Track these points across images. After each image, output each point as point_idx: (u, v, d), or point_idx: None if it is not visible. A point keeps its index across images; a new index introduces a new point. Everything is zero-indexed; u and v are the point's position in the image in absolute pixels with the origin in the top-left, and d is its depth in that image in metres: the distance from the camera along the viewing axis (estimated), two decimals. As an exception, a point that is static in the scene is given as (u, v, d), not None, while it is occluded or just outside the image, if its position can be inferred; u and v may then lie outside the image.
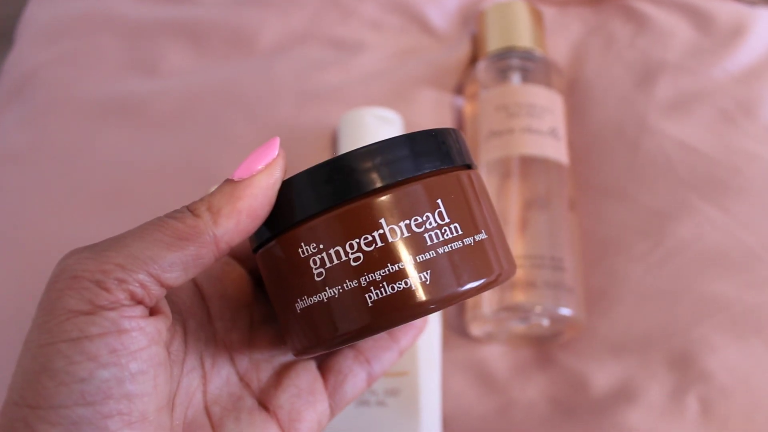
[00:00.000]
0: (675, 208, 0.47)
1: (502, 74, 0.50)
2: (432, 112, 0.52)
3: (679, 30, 0.54)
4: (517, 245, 0.45)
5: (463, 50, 0.55)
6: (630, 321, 0.46)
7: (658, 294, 0.46)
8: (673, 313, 0.45)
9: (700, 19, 0.54)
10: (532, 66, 0.50)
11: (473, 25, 0.57)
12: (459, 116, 0.54)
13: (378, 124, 0.48)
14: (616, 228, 0.48)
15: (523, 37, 0.51)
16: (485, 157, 0.47)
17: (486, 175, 0.47)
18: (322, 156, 0.51)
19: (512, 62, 0.50)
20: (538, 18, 0.53)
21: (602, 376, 0.44)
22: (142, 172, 0.52)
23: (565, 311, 0.43)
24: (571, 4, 0.58)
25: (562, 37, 0.56)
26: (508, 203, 0.46)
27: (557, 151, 0.47)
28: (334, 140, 0.51)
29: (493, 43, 0.52)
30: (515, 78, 0.49)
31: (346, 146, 0.48)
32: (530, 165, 0.46)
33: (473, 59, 0.55)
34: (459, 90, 0.54)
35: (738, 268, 0.45)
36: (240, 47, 0.57)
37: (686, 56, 0.52)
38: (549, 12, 0.57)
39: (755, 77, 0.51)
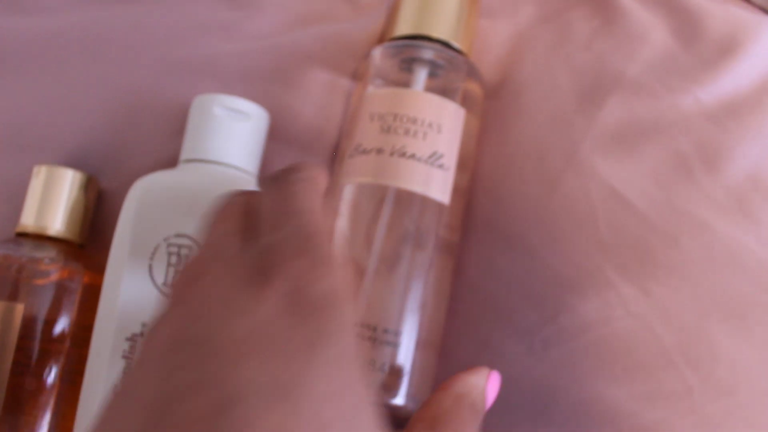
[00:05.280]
0: (584, 277, 0.37)
1: (400, 70, 0.39)
2: (319, 100, 0.42)
3: (653, 34, 0.41)
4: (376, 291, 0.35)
5: (379, 24, 0.44)
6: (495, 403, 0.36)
7: (533, 386, 0.36)
8: (544, 415, 0.35)
9: (685, 23, 0.41)
10: (442, 65, 0.39)
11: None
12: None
13: (228, 118, 0.38)
14: (505, 288, 0.38)
15: (442, 25, 0.40)
16: (348, 177, 0.37)
17: (354, 194, 0.37)
18: (171, 142, 0.41)
19: (417, 56, 0.39)
20: (472, 3, 0.41)
21: None
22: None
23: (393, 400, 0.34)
24: (536, -23, 0.45)
25: (509, 19, 0.44)
26: (375, 236, 0.36)
27: (436, 185, 0.36)
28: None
29: (402, 25, 0.40)
30: (416, 78, 0.38)
31: (191, 138, 0.39)
32: (402, 195, 0.36)
33: (382, 38, 0.43)
34: (356, 75, 0.43)
35: (642, 372, 0.35)
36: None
37: (651, 72, 0.40)
38: (502, -15, 0.45)
39: (733, 116, 0.38)
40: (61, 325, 0.37)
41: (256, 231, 0.25)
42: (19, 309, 0.36)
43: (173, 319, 0.22)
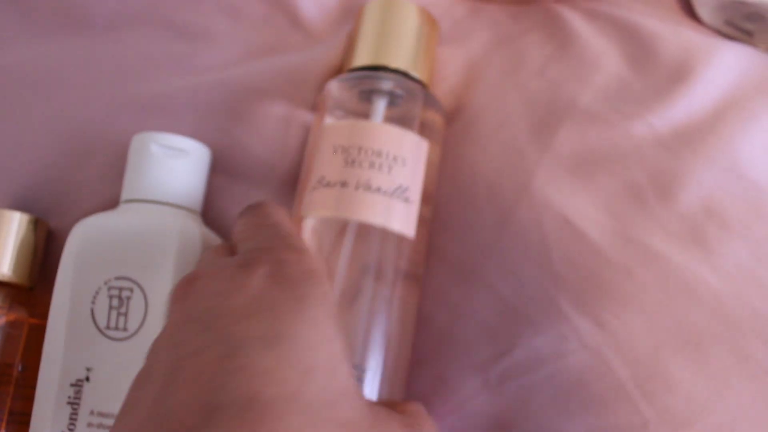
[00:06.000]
0: (538, 309, 0.36)
1: (360, 101, 0.38)
2: (271, 134, 0.41)
3: (606, 60, 0.40)
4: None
5: (335, 54, 0.43)
6: None
7: (489, 421, 0.35)
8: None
9: (638, 49, 0.41)
10: (401, 95, 0.38)
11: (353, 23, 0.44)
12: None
13: (165, 156, 0.37)
14: (460, 321, 0.37)
15: (400, 56, 0.39)
16: (310, 210, 0.36)
17: (315, 228, 0.36)
18: (112, 183, 0.41)
19: (376, 88, 0.38)
20: (430, 31, 0.40)
21: None
22: None
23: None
24: (488, 3, 0.45)
25: (463, 46, 0.43)
26: (337, 269, 0.36)
27: (400, 219, 0.36)
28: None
29: (360, 55, 0.40)
30: (375, 109, 0.38)
31: (131, 178, 0.38)
32: (364, 229, 0.35)
33: (340, 69, 0.43)
34: (314, 106, 0.42)
35: (597, 406, 0.34)
36: (69, 22, 0.46)
37: (604, 99, 0.39)
38: (457, 12, 0.45)
39: (686, 143, 0.38)
40: (7, 368, 0.36)
41: (238, 246, 0.30)
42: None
43: (174, 313, 0.27)
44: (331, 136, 0.37)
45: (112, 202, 0.41)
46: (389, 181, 0.35)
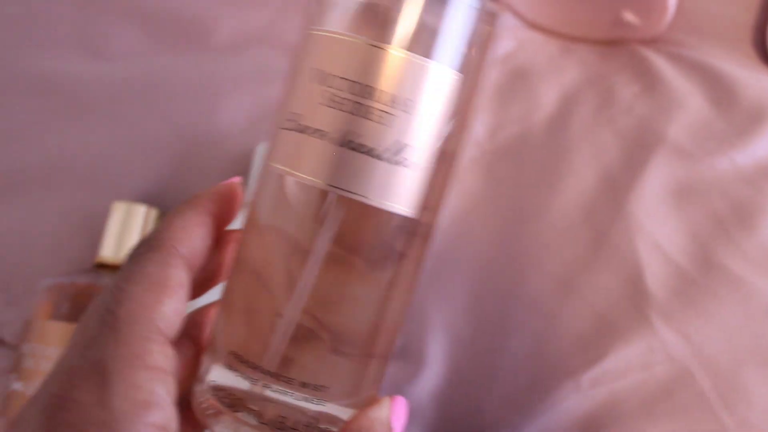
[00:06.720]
0: (628, 322, 0.39)
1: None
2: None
3: (691, 100, 0.44)
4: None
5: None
6: None
7: (577, 421, 0.39)
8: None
9: (720, 92, 0.45)
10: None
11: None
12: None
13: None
14: (556, 330, 0.41)
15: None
16: (276, 160, 0.26)
17: (286, 184, 0.27)
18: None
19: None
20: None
21: None
22: (46, 163, 0.47)
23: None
24: (579, 42, 0.49)
25: (557, 79, 0.47)
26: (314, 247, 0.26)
27: (398, 191, 0.25)
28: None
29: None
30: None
31: (254, 182, 0.42)
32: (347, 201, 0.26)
33: None
34: None
35: (680, 413, 0.38)
36: (192, 40, 0.50)
37: (690, 136, 0.43)
38: (550, 48, 0.49)
39: (767, 178, 0.42)
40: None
41: None
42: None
43: None
44: (319, 54, 0.25)
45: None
46: (385, 137, 0.24)
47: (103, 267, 0.42)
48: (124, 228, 0.42)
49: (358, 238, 0.25)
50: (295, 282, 0.25)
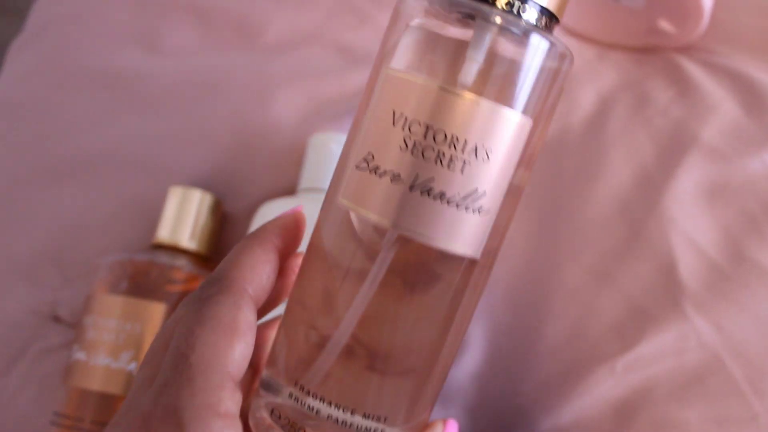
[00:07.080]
0: (662, 310, 0.41)
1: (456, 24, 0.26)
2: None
3: (724, 105, 0.46)
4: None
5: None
6: (576, 418, 0.40)
7: (612, 405, 0.40)
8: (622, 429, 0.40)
9: (752, 97, 0.47)
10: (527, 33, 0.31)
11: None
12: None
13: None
14: (592, 317, 0.42)
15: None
16: (347, 198, 0.26)
17: (353, 220, 0.27)
18: (285, 172, 0.47)
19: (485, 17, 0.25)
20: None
21: None
22: (105, 151, 0.50)
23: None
24: (614, 49, 0.51)
25: (592, 85, 0.49)
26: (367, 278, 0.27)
27: (468, 238, 0.25)
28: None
29: None
30: (472, 53, 0.25)
31: (309, 172, 0.44)
32: (411, 243, 0.26)
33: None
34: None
35: (712, 398, 0.39)
36: (245, 37, 0.53)
37: (723, 138, 0.45)
38: (587, 54, 0.51)
39: (797, 178, 0.43)
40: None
41: None
42: (162, 308, 0.41)
43: None
44: (394, 95, 0.25)
45: (276, 191, 0.47)
46: (460, 184, 0.24)
47: (160, 247, 0.44)
48: (180, 211, 0.44)
49: (419, 271, 0.26)
50: (352, 309, 0.25)
